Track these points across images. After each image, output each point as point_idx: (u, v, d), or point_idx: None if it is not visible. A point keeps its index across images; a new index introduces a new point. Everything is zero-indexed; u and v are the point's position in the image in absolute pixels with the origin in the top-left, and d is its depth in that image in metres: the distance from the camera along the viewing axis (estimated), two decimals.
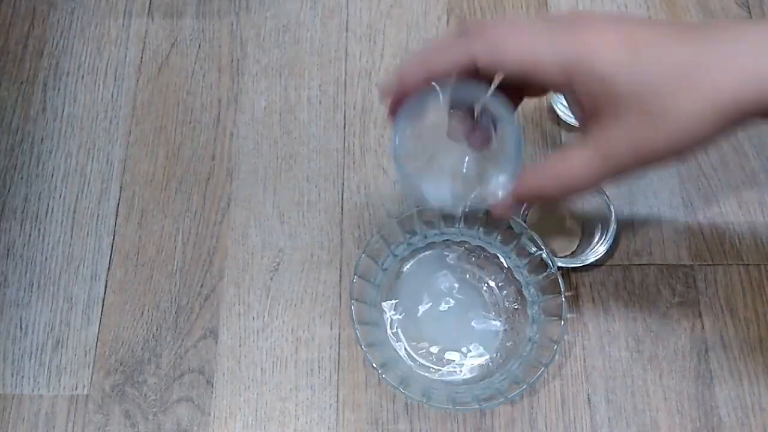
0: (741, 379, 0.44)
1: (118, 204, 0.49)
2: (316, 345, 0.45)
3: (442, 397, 0.41)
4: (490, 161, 0.37)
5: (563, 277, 0.43)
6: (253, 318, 0.46)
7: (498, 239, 0.46)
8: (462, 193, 0.38)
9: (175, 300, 0.47)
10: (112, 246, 0.48)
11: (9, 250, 0.48)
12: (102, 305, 0.47)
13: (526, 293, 0.45)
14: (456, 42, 0.33)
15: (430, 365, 0.44)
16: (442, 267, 0.47)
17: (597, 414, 0.44)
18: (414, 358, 0.44)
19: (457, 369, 0.44)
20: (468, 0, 0.54)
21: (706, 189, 0.49)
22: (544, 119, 0.51)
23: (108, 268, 0.48)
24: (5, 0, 0.55)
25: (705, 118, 0.30)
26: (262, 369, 0.45)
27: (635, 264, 0.47)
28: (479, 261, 0.47)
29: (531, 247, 0.44)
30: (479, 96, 0.34)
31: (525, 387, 0.40)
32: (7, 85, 0.53)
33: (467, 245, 0.47)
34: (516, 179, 0.35)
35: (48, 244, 0.48)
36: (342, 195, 0.49)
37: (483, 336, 0.45)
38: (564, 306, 0.42)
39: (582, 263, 0.45)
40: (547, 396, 0.44)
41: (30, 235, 0.49)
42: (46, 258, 0.48)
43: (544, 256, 0.43)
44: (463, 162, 0.38)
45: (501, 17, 0.52)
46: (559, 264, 0.44)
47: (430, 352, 0.44)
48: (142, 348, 0.46)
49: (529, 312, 0.45)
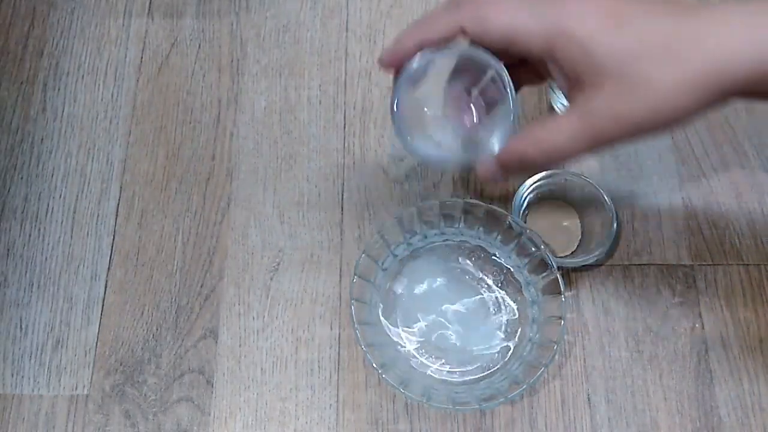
0: (741, 379, 0.44)
1: (118, 204, 0.49)
2: (316, 345, 0.45)
3: (442, 397, 0.41)
4: (483, 127, 0.39)
5: (563, 277, 0.43)
6: (253, 318, 0.46)
7: (498, 239, 0.46)
8: (453, 155, 0.40)
9: (175, 300, 0.47)
10: (112, 246, 0.48)
11: (9, 250, 0.48)
12: (102, 305, 0.47)
13: (526, 293, 0.45)
14: (447, 12, 0.34)
15: (429, 365, 0.44)
16: (442, 267, 0.47)
17: (597, 414, 0.44)
18: (414, 357, 0.44)
19: (457, 369, 0.44)
20: None
21: (706, 189, 0.49)
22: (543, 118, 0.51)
23: (108, 268, 0.48)
24: (5, 0, 0.55)
25: (687, 90, 0.30)
26: (262, 369, 0.45)
27: (635, 264, 0.47)
28: (479, 261, 0.47)
29: (531, 247, 0.44)
30: (487, 62, 0.35)
31: (525, 387, 0.40)
32: (7, 85, 0.53)
33: (467, 245, 0.47)
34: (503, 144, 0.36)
35: (48, 244, 0.48)
36: (342, 195, 0.49)
37: (483, 336, 0.45)
38: (564, 306, 0.42)
39: (582, 263, 0.45)
40: (547, 396, 0.44)
41: (30, 235, 0.49)
42: (46, 258, 0.48)
43: (544, 256, 0.43)
44: (458, 125, 0.39)
45: None
46: (559, 264, 0.44)
47: (429, 352, 0.44)
48: (142, 348, 0.46)
49: (529, 312, 0.45)
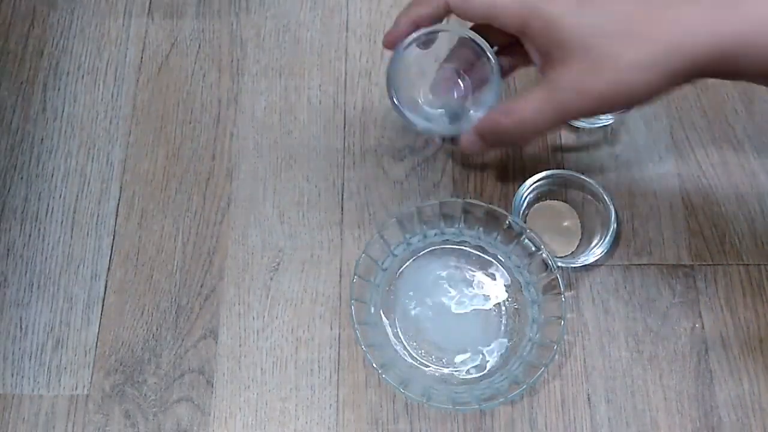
0: (741, 379, 0.44)
1: (118, 204, 0.49)
2: (316, 345, 0.45)
3: (442, 397, 0.41)
4: (470, 103, 0.42)
5: (563, 277, 0.43)
6: (253, 318, 0.46)
7: (498, 239, 0.46)
8: (440, 127, 0.43)
9: (175, 300, 0.47)
10: (112, 246, 0.48)
11: (9, 250, 0.48)
12: (102, 305, 0.47)
13: (526, 293, 0.45)
14: None
15: (430, 365, 0.44)
16: (441, 267, 0.47)
17: (597, 414, 0.44)
18: (414, 357, 0.44)
19: (457, 369, 0.44)
20: None
21: (706, 189, 0.49)
22: None
23: (108, 268, 0.48)
24: (5, 0, 0.55)
25: (647, 68, 0.32)
26: (262, 369, 0.45)
27: (635, 264, 0.47)
28: (479, 261, 0.47)
29: (531, 247, 0.44)
30: (476, 43, 0.39)
31: (525, 387, 0.40)
32: (7, 85, 0.53)
33: (467, 245, 0.47)
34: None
35: (48, 244, 0.48)
36: (342, 195, 0.49)
37: (483, 336, 0.45)
38: (564, 306, 0.42)
39: (582, 263, 0.45)
40: (547, 396, 0.44)
41: (30, 235, 0.49)
42: (46, 258, 0.48)
43: (544, 256, 0.43)
44: (446, 101, 0.43)
45: None
46: (559, 264, 0.44)
47: (430, 352, 0.45)
48: (142, 348, 0.46)
49: (529, 312, 0.45)
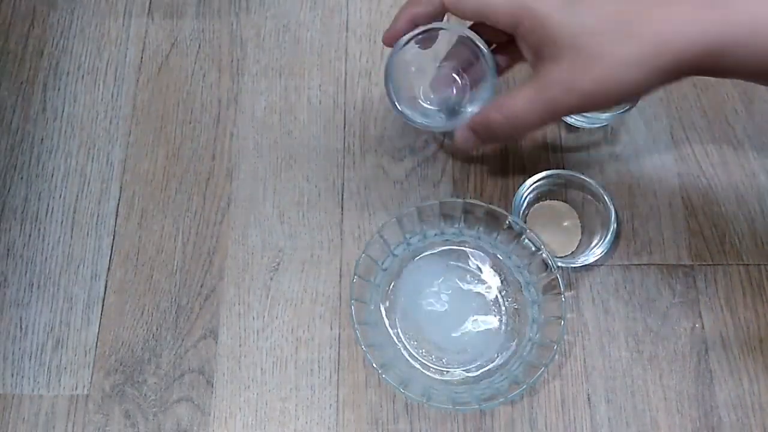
0: (741, 379, 0.44)
1: (118, 204, 0.49)
2: (316, 345, 0.45)
3: (442, 397, 0.41)
4: (466, 100, 0.44)
5: (563, 277, 0.43)
6: (253, 318, 0.46)
7: (498, 239, 0.46)
8: (435, 123, 0.44)
9: (175, 300, 0.47)
10: (112, 246, 0.48)
11: (9, 250, 0.48)
12: (102, 305, 0.47)
13: (526, 293, 0.45)
14: None
15: (430, 365, 0.44)
16: (441, 267, 0.47)
17: (597, 414, 0.44)
18: (414, 357, 0.44)
19: (458, 369, 0.44)
20: None
21: (706, 189, 0.49)
22: None
23: (108, 268, 0.48)
24: (5, 0, 0.55)
25: (635, 67, 0.33)
26: (262, 369, 0.45)
27: (635, 264, 0.47)
28: (479, 261, 0.47)
29: (531, 247, 0.44)
30: (478, 45, 0.40)
31: (525, 387, 0.40)
32: (7, 85, 0.53)
33: (467, 245, 0.47)
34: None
35: (48, 244, 0.48)
36: (342, 195, 0.49)
37: (483, 336, 0.45)
38: (564, 306, 0.42)
39: (582, 263, 0.45)
40: (547, 396, 0.44)
41: (30, 235, 0.49)
42: (46, 258, 0.48)
43: (544, 256, 0.43)
44: (442, 97, 0.44)
45: None
46: (559, 264, 0.44)
47: (430, 352, 0.44)
48: (142, 348, 0.46)
49: (529, 312, 0.45)
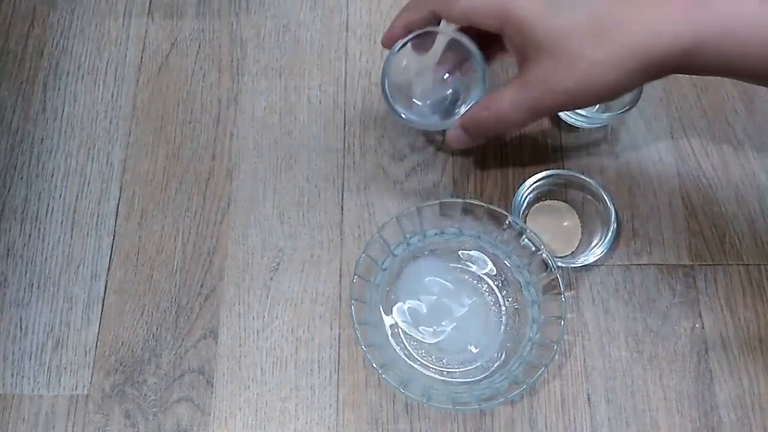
0: (741, 379, 0.44)
1: (118, 204, 0.49)
2: (316, 345, 0.45)
3: (442, 397, 0.41)
4: (460, 99, 0.45)
5: (563, 277, 0.43)
6: (253, 318, 0.46)
7: (498, 239, 0.46)
8: (429, 122, 0.46)
9: (175, 300, 0.47)
10: (112, 246, 0.48)
11: (9, 250, 0.48)
12: (102, 305, 0.47)
13: (526, 293, 0.45)
14: (423, 0, 0.41)
15: (430, 365, 0.44)
16: (441, 267, 0.47)
17: (597, 414, 0.44)
18: (414, 358, 0.44)
19: (457, 369, 0.44)
20: None
21: (706, 189, 0.49)
22: (543, 120, 0.51)
23: (108, 268, 0.48)
24: (5, 0, 0.55)
25: (612, 67, 0.35)
26: (262, 369, 0.45)
27: (635, 264, 0.47)
28: (479, 261, 0.47)
29: (531, 247, 0.44)
30: (469, 48, 0.42)
31: (525, 387, 0.40)
32: (7, 85, 0.53)
33: (467, 245, 0.47)
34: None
35: (48, 244, 0.48)
36: (342, 195, 0.49)
37: (483, 336, 0.45)
38: (564, 306, 0.42)
39: (582, 263, 0.45)
40: (547, 396, 0.44)
41: (30, 235, 0.49)
42: (46, 258, 0.48)
43: (544, 256, 0.43)
44: (436, 97, 0.46)
45: None
46: (559, 264, 0.44)
47: (430, 352, 0.44)
48: (142, 348, 0.46)
49: (529, 312, 0.45)
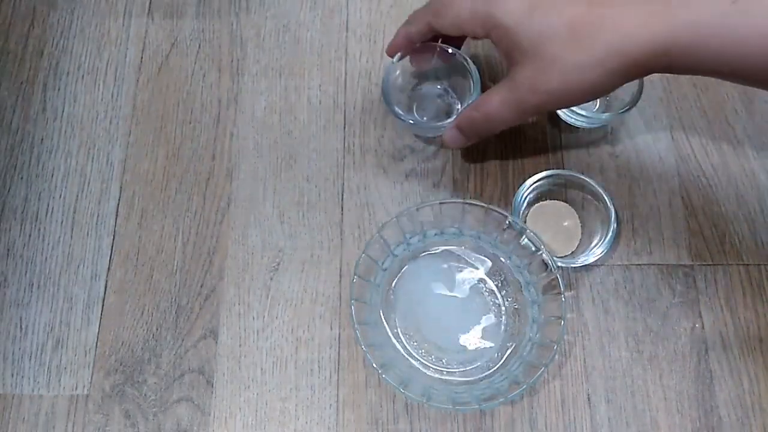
0: (741, 379, 0.44)
1: (118, 204, 0.49)
2: (316, 345, 0.45)
3: (442, 397, 0.41)
4: (456, 103, 0.50)
5: (563, 277, 0.43)
6: (253, 318, 0.46)
7: (498, 239, 0.46)
8: (426, 124, 0.50)
9: (175, 300, 0.47)
10: (112, 246, 0.48)
11: (9, 250, 0.48)
12: (102, 305, 0.47)
13: (526, 293, 0.45)
14: (422, 11, 0.45)
15: (430, 365, 0.44)
16: (441, 267, 0.47)
17: (597, 414, 0.44)
18: (414, 358, 0.44)
19: (457, 369, 0.44)
20: None
21: (706, 189, 0.49)
22: (543, 120, 0.51)
23: (108, 268, 0.48)
24: (5, 0, 0.55)
25: (590, 69, 0.37)
26: (262, 369, 0.45)
27: (635, 264, 0.47)
28: (479, 261, 0.47)
29: (531, 247, 0.44)
30: (463, 59, 0.47)
31: (525, 387, 0.40)
32: (7, 85, 0.53)
33: (467, 245, 0.47)
34: None
35: (48, 244, 0.48)
36: (342, 195, 0.49)
37: (483, 336, 0.45)
38: (564, 306, 0.42)
39: (582, 263, 0.45)
40: (547, 396, 0.44)
41: (30, 235, 0.49)
42: (46, 258, 0.48)
43: (544, 256, 0.43)
44: (434, 99, 0.51)
45: None
46: (559, 264, 0.44)
47: (430, 352, 0.44)
48: (142, 348, 0.46)
49: (529, 312, 0.45)
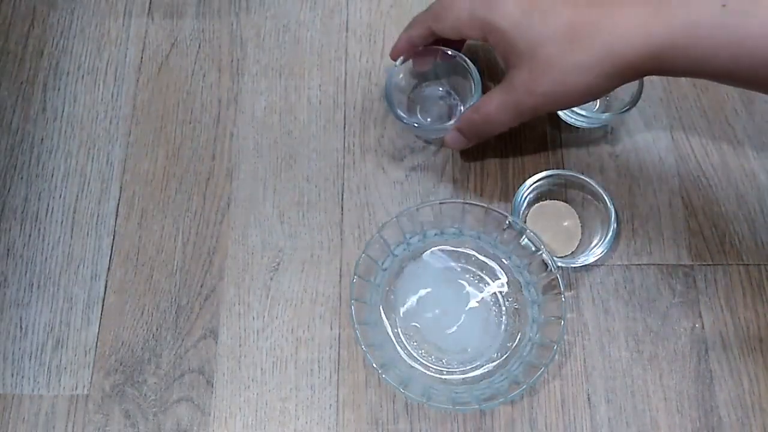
0: (741, 379, 0.44)
1: (118, 204, 0.49)
2: (316, 345, 0.45)
3: (442, 397, 0.41)
4: (458, 105, 0.50)
5: (563, 277, 0.43)
6: (253, 318, 0.46)
7: (498, 239, 0.46)
8: (429, 126, 0.50)
9: (175, 300, 0.47)
10: (112, 246, 0.48)
11: (9, 250, 0.48)
12: (102, 305, 0.47)
13: (526, 293, 0.45)
14: (423, 15, 0.45)
15: (430, 365, 0.44)
16: (441, 267, 0.47)
17: (597, 414, 0.44)
18: (414, 358, 0.44)
19: (457, 369, 0.44)
20: None
21: (706, 189, 0.49)
22: (543, 120, 0.51)
23: (108, 268, 0.48)
24: (5, 0, 0.55)
25: (585, 71, 0.38)
26: (262, 369, 0.45)
27: (635, 264, 0.47)
28: (479, 261, 0.47)
29: (531, 247, 0.44)
30: (460, 58, 0.48)
31: (525, 387, 0.40)
32: (7, 85, 0.53)
33: (467, 245, 0.47)
34: None
35: (48, 244, 0.48)
36: (342, 195, 0.49)
37: (483, 336, 0.45)
38: (564, 306, 0.42)
39: (582, 263, 0.45)
40: (547, 396, 0.44)
41: (30, 235, 0.49)
42: (46, 258, 0.48)
43: (544, 256, 0.43)
44: (436, 101, 0.51)
45: None
46: (559, 264, 0.44)
47: (430, 352, 0.44)
48: (142, 348, 0.46)
49: (529, 312, 0.45)
